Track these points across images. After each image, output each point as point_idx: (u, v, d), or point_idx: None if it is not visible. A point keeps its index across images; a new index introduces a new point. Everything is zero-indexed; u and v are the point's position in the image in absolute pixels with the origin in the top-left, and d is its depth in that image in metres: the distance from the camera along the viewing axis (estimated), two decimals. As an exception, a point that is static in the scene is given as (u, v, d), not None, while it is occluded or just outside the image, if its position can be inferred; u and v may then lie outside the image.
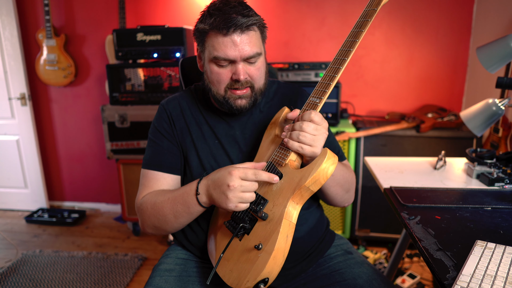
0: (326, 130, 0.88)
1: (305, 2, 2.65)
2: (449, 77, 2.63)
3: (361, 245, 2.44)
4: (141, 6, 2.84)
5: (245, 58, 0.93)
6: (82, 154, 3.23)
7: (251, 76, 0.97)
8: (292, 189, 0.86)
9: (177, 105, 1.11)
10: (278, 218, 0.86)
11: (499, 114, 1.39)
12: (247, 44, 0.92)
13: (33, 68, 3.00)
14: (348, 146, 2.34)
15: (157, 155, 1.07)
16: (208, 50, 0.95)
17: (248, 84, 0.97)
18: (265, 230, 0.87)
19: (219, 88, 0.98)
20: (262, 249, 0.84)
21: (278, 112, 1.03)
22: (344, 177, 1.03)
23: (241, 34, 0.91)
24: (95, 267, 2.36)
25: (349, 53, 0.91)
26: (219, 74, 0.96)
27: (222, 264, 0.91)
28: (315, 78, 2.38)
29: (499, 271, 0.74)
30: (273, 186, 0.90)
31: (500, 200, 1.14)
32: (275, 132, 0.99)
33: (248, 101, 1.00)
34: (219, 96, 0.99)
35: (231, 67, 0.95)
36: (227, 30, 0.90)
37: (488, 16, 2.33)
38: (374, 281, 0.99)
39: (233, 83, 0.96)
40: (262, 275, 0.82)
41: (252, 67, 0.97)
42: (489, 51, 1.33)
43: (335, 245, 1.16)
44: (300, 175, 0.86)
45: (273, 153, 0.94)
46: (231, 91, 0.98)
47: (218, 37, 0.92)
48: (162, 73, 2.56)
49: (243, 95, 0.98)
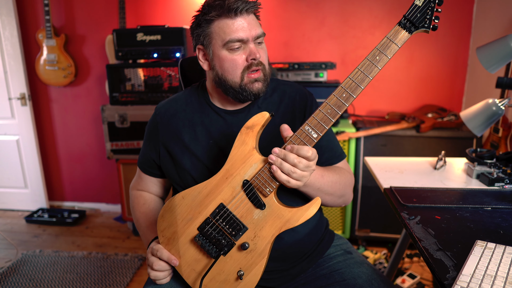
0: (314, 165, 0.88)
1: (305, 2, 2.65)
2: (449, 77, 2.63)
3: (361, 245, 2.44)
4: (141, 6, 2.84)
5: (255, 37, 0.97)
6: (82, 154, 3.23)
7: (262, 57, 0.99)
8: (278, 227, 0.88)
9: (170, 108, 1.12)
10: (262, 251, 0.88)
11: (499, 114, 1.39)
12: (254, 24, 0.97)
13: (33, 68, 3.00)
14: (348, 146, 2.34)
15: (142, 156, 1.17)
16: (219, 38, 0.97)
17: (260, 66, 0.99)
18: (246, 259, 0.89)
19: (234, 75, 0.98)
20: (243, 277, 0.87)
21: (256, 116, 0.92)
22: (334, 187, 1.01)
23: (248, 15, 0.96)
24: (95, 267, 2.36)
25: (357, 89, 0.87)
26: (233, 60, 0.97)
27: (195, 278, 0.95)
28: (315, 78, 2.38)
29: (499, 271, 0.74)
30: (253, 214, 0.90)
31: (500, 200, 1.14)
32: (252, 143, 0.91)
33: (263, 84, 1.01)
34: (235, 84, 0.99)
35: (243, 50, 0.97)
36: (235, 13, 0.93)
37: (488, 16, 2.33)
38: (374, 281, 0.99)
39: (249, 65, 0.98)
40: None
41: (261, 48, 1.00)
42: (489, 51, 1.33)
43: (334, 245, 1.16)
44: (289, 215, 0.87)
45: (255, 174, 0.90)
46: (248, 75, 0.98)
47: (227, 21, 0.95)
48: (162, 73, 2.56)
49: (259, 78, 1.00)
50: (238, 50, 0.96)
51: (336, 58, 2.71)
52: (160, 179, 1.20)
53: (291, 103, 1.09)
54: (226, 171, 0.93)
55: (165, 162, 1.11)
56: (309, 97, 1.12)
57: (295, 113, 1.08)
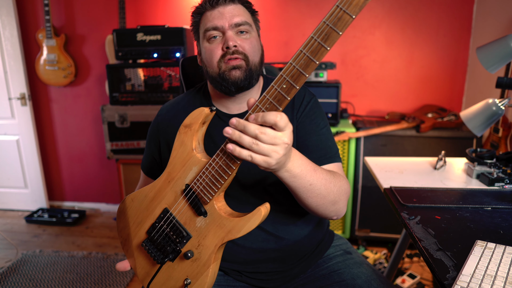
0: (287, 138, 0.70)
1: (305, 2, 2.65)
2: (449, 77, 2.63)
3: (361, 245, 2.44)
4: (141, 6, 2.84)
5: (233, 24, 0.95)
6: (82, 154, 3.23)
7: (242, 48, 0.95)
8: (220, 237, 0.82)
9: (172, 109, 1.13)
10: (206, 261, 0.84)
11: (499, 114, 1.39)
12: (233, 13, 0.96)
13: (33, 68, 3.00)
14: (348, 146, 2.34)
15: (145, 159, 1.17)
16: (201, 31, 1.00)
17: (241, 55, 0.95)
18: (191, 267, 0.86)
19: (212, 65, 0.97)
20: (189, 287, 0.86)
21: (194, 113, 0.82)
22: (328, 187, 0.88)
23: (226, 6, 0.96)
24: (95, 267, 2.36)
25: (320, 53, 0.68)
26: (211, 50, 0.97)
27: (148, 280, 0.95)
28: (315, 78, 2.38)
29: (499, 271, 0.74)
30: (196, 221, 0.84)
31: (500, 200, 1.14)
32: (192, 143, 0.83)
33: (243, 73, 0.95)
34: (214, 74, 0.97)
35: (221, 39, 0.96)
36: (211, 3, 0.96)
37: (488, 16, 2.33)
38: (373, 281, 0.99)
39: (223, 54, 0.96)
40: None
41: (244, 38, 0.97)
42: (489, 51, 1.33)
43: (334, 245, 1.16)
44: (230, 225, 0.80)
45: (195, 177, 0.82)
46: (225, 63, 0.95)
47: (207, 13, 0.98)
48: (162, 73, 2.56)
49: (237, 65, 0.94)
50: (216, 39, 0.96)
51: (336, 58, 2.71)
52: None
53: (290, 103, 1.04)
54: (168, 174, 0.87)
55: (166, 160, 1.10)
56: (307, 95, 1.08)
57: (293, 113, 1.06)
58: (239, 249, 1.03)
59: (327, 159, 1.00)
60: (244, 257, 1.04)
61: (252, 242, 1.03)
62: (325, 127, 1.05)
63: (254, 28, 1.01)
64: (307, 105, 1.06)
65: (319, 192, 0.87)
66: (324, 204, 0.91)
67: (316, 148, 1.00)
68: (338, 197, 0.92)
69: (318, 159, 0.98)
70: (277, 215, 1.03)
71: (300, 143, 1.02)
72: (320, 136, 1.02)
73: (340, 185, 0.93)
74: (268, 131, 0.68)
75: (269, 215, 1.01)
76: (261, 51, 1.02)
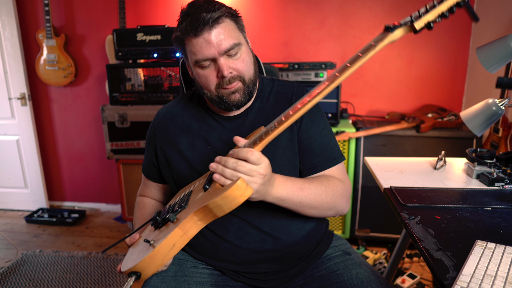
0: (265, 171, 0.80)
1: (305, 2, 2.65)
2: (449, 77, 2.63)
3: (361, 245, 2.44)
4: (141, 6, 2.84)
5: (223, 52, 0.91)
6: (82, 154, 3.23)
7: (236, 70, 0.95)
8: (200, 203, 0.83)
9: (169, 112, 1.13)
10: (177, 224, 0.84)
11: (499, 114, 1.38)
12: (221, 38, 0.90)
13: (33, 68, 3.00)
14: (348, 146, 2.34)
15: (145, 162, 1.20)
16: (189, 56, 0.96)
17: (237, 78, 0.95)
18: (165, 230, 0.86)
19: (210, 89, 0.97)
20: (151, 245, 0.84)
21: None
22: (318, 199, 0.96)
23: (211, 30, 0.89)
24: (95, 267, 2.36)
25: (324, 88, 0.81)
26: (206, 76, 0.95)
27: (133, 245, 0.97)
28: (315, 78, 2.38)
29: (499, 271, 0.74)
30: (198, 194, 0.89)
31: (500, 200, 1.14)
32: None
33: (242, 95, 0.97)
34: (213, 96, 0.98)
35: (214, 66, 0.94)
36: (195, 30, 0.89)
37: (488, 16, 2.33)
38: (372, 282, 0.98)
39: (220, 81, 0.95)
40: (136, 266, 0.82)
41: (235, 59, 0.94)
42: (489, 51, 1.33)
43: (333, 245, 1.15)
44: (212, 194, 0.82)
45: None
46: (222, 89, 0.96)
47: (192, 40, 0.91)
48: (162, 73, 2.56)
49: (235, 89, 0.96)
50: (208, 66, 0.94)
51: (336, 58, 2.71)
52: (161, 185, 1.21)
53: (288, 104, 1.05)
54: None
55: (162, 164, 1.12)
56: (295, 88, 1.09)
57: None
58: (236, 249, 1.03)
59: (331, 161, 1.05)
60: (241, 257, 1.04)
61: (249, 243, 1.02)
62: (325, 128, 1.07)
63: (243, 41, 0.97)
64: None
65: (311, 206, 0.96)
66: (320, 212, 1.00)
67: (320, 151, 1.04)
68: (332, 204, 1.00)
69: (323, 162, 1.04)
70: (274, 216, 1.02)
71: (303, 147, 1.04)
72: (322, 138, 1.05)
73: (334, 192, 0.99)
74: (244, 164, 0.79)
75: (266, 216, 1.02)
76: (254, 59, 1.02)
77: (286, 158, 1.02)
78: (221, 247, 1.04)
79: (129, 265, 0.85)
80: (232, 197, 0.77)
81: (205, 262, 1.10)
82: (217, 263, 1.07)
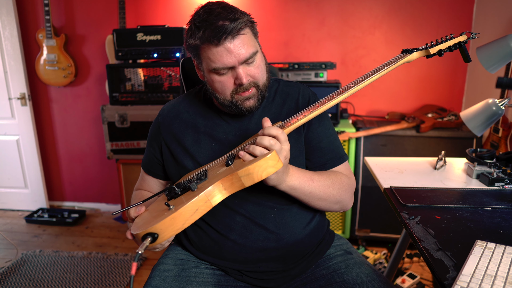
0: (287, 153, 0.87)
1: (305, 2, 2.65)
2: (449, 77, 2.63)
3: (361, 245, 2.44)
4: (141, 6, 2.84)
5: (242, 61, 0.93)
6: (82, 154, 3.23)
7: (253, 76, 0.97)
8: (226, 173, 0.85)
9: (173, 109, 1.13)
10: (201, 191, 0.84)
11: (499, 114, 1.39)
12: (241, 47, 0.91)
13: (33, 68, 3.00)
14: (348, 146, 2.34)
15: (146, 157, 1.19)
16: (206, 62, 0.96)
17: (252, 85, 0.97)
18: (186, 198, 0.85)
19: (225, 95, 0.98)
20: (171, 209, 0.83)
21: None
22: (327, 191, 1.01)
23: (233, 40, 0.90)
24: (95, 267, 2.36)
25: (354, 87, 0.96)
26: (222, 82, 0.96)
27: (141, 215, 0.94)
28: (315, 78, 2.38)
29: (499, 271, 0.74)
30: (218, 170, 0.90)
31: (500, 200, 1.14)
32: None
33: (256, 100, 1.00)
34: (226, 102, 0.99)
35: (231, 73, 0.95)
36: (218, 40, 0.89)
37: (488, 16, 2.33)
38: (373, 281, 0.99)
39: (237, 88, 0.96)
40: (154, 228, 0.81)
41: (252, 67, 0.96)
42: (489, 51, 1.33)
43: (334, 245, 1.16)
44: (240, 164, 0.85)
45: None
46: (237, 95, 0.98)
47: (212, 48, 0.91)
48: (162, 73, 2.56)
49: (250, 95, 0.98)
50: (226, 74, 0.95)
51: (336, 58, 2.71)
52: (163, 181, 1.21)
53: (294, 104, 1.09)
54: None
55: (167, 160, 1.12)
56: (311, 97, 1.12)
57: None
58: (239, 248, 1.04)
59: (338, 159, 1.10)
60: (244, 256, 1.04)
61: (253, 241, 1.03)
62: (331, 128, 1.12)
63: (258, 48, 0.98)
64: None
65: (319, 197, 1.00)
66: (327, 205, 1.04)
67: (328, 150, 1.09)
68: (339, 197, 1.05)
69: (331, 160, 1.09)
70: (278, 214, 1.03)
71: (312, 146, 1.08)
72: (329, 137, 1.10)
73: (340, 186, 1.04)
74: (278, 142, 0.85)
75: (270, 214, 1.03)
76: (266, 65, 1.04)
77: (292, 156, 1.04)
78: (224, 245, 1.05)
79: (144, 227, 0.83)
80: (265, 166, 0.81)
81: (208, 261, 1.10)
82: (220, 262, 1.08)
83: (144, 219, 0.89)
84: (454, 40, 1.05)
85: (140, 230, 0.83)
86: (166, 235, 0.82)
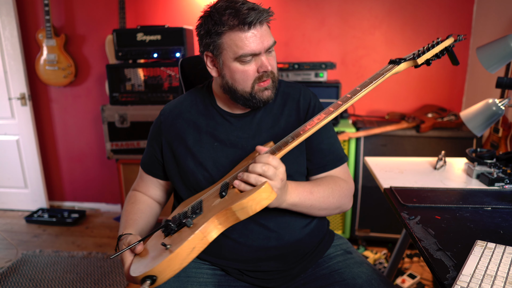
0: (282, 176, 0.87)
1: (305, 2, 2.65)
2: (449, 77, 2.63)
3: (361, 245, 2.44)
4: (141, 6, 2.84)
5: (266, 49, 0.96)
6: (82, 154, 3.23)
7: (272, 66, 1.00)
8: (221, 207, 0.84)
9: (175, 108, 1.13)
10: (197, 228, 0.84)
11: (499, 114, 1.39)
12: (267, 34, 0.96)
13: (33, 68, 3.00)
14: (348, 146, 2.34)
15: (145, 157, 1.19)
16: (230, 50, 0.95)
17: (270, 75, 1.00)
18: (182, 235, 0.85)
19: (245, 85, 0.99)
20: (168, 249, 0.83)
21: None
22: (326, 201, 1.02)
23: (261, 27, 0.94)
24: (95, 267, 2.36)
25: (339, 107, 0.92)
26: (245, 72, 0.97)
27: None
28: (315, 78, 2.38)
29: (499, 271, 0.74)
30: (213, 201, 0.90)
31: (500, 200, 1.14)
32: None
33: (272, 91, 1.02)
34: (245, 94, 1.00)
35: (255, 62, 0.97)
36: (248, 26, 0.91)
37: (488, 16, 2.33)
38: (374, 281, 0.99)
39: (260, 76, 0.98)
40: (152, 270, 0.80)
41: (271, 57, 1.00)
42: (489, 51, 1.33)
43: (334, 245, 1.16)
44: (234, 198, 0.84)
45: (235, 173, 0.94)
46: (258, 85, 0.99)
47: (239, 34, 0.93)
48: (162, 73, 2.56)
49: (268, 86, 1.00)
50: (249, 62, 0.97)
51: (336, 58, 2.71)
52: (162, 182, 1.20)
53: (295, 105, 1.10)
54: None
55: (167, 160, 1.11)
56: (312, 98, 1.12)
57: (299, 115, 1.09)
58: (240, 247, 1.04)
59: (339, 161, 1.11)
60: (245, 255, 1.04)
61: (253, 240, 1.03)
62: (331, 130, 1.13)
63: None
64: (314, 107, 1.11)
65: (320, 208, 1.02)
66: (327, 212, 1.07)
67: (328, 152, 1.10)
68: (339, 203, 1.06)
69: (332, 161, 1.10)
70: (279, 213, 1.03)
71: (314, 147, 1.09)
72: (330, 139, 1.11)
73: (340, 193, 1.06)
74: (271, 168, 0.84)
75: (271, 213, 1.03)
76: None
77: (293, 156, 1.06)
78: (225, 245, 1.05)
79: (142, 270, 0.83)
80: (259, 199, 0.80)
81: (208, 261, 1.10)
82: (221, 261, 1.08)
83: (142, 260, 0.89)
84: (440, 46, 0.99)
85: (136, 274, 0.83)
86: (165, 277, 0.82)
